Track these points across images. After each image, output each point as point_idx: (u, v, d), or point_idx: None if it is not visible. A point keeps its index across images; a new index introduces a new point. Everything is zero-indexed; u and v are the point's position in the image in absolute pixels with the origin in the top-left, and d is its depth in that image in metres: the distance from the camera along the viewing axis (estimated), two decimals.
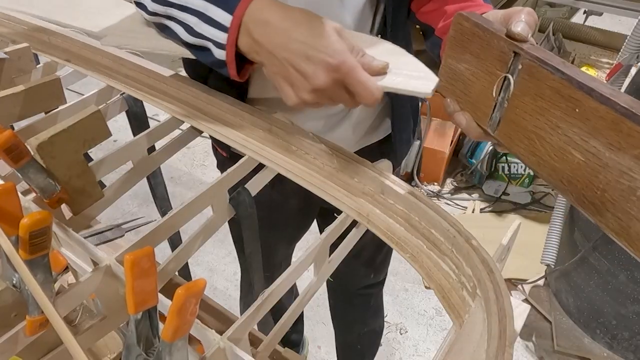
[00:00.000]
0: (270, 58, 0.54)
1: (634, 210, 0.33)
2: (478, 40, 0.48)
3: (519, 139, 0.45)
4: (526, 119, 0.43)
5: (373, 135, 0.87)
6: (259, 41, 0.53)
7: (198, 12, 0.58)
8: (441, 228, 0.56)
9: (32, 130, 0.74)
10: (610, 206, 0.36)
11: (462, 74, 0.52)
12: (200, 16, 0.58)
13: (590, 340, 1.58)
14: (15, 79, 0.88)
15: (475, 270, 0.51)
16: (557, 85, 0.39)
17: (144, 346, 0.42)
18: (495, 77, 0.46)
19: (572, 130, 0.38)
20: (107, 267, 0.56)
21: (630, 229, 0.34)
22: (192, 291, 0.37)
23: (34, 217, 0.41)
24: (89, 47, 0.92)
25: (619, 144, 0.34)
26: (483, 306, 0.49)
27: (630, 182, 0.33)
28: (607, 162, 0.35)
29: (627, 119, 0.33)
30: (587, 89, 0.36)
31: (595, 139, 0.36)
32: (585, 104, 0.36)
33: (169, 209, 1.23)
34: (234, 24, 0.55)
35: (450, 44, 0.52)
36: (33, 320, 0.47)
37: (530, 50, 0.42)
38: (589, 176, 0.37)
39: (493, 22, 0.49)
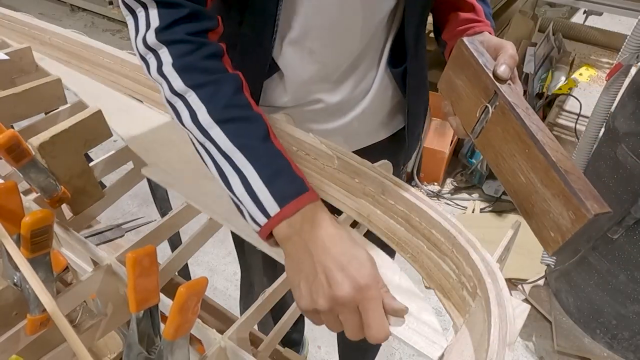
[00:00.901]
0: (304, 255, 0.50)
1: (547, 223, 0.50)
2: (472, 69, 0.60)
3: (489, 152, 0.59)
4: (495, 141, 0.57)
5: (384, 131, 0.87)
6: (303, 237, 0.51)
7: (244, 178, 0.53)
8: (441, 228, 0.56)
9: (33, 130, 0.74)
10: (535, 216, 0.52)
11: (457, 88, 0.64)
12: (247, 181, 0.53)
13: (590, 340, 1.58)
14: (16, 79, 0.88)
15: (475, 270, 0.51)
16: (517, 129, 0.53)
17: (145, 345, 0.42)
18: (480, 102, 0.59)
19: (522, 162, 0.53)
20: (107, 266, 0.57)
21: (542, 233, 0.51)
22: (194, 289, 0.38)
23: (36, 215, 0.42)
24: (89, 47, 0.92)
25: (546, 183, 0.50)
26: (483, 306, 0.49)
27: (547, 207, 0.50)
28: (537, 190, 0.51)
29: (552, 169, 0.49)
30: (534, 139, 0.51)
31: (534, 173, 0.51)
32: (531, 149, 0.51)
33: (169, 209, 1.23)
34: (279, 216, 0.52)
35: (451, 61, 0.65)
36: (34, 319, 0.47)
37: (506, 94, 0.55)
38: (526, 194, 0.53)
39: (485, 53, 0.60)
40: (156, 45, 0.54)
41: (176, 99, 0.55)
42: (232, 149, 0.53)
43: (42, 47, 0.98)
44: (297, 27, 0.67)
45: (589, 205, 0.45)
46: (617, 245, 1.36)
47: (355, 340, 0.49)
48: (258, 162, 0.53)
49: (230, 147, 0.53)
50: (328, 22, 0.66)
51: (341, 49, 0.71)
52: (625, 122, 1.29)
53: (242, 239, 0.92)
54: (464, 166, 2.39)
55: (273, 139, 0.55)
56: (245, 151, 0.53)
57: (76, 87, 0.87)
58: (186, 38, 0.54)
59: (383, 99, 0.81)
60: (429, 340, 0.50)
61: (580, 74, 2.92)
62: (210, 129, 0.53)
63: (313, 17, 0.65)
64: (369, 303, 0.48)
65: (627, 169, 1.28)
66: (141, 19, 0.55)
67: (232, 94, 0.54)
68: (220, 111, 0.53)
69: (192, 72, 0.54)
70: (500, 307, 0.47)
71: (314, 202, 0.52)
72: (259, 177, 0.52)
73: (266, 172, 0.52)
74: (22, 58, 0.88)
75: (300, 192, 0.52)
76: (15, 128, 0.75)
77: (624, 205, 1.28)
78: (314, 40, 0.68)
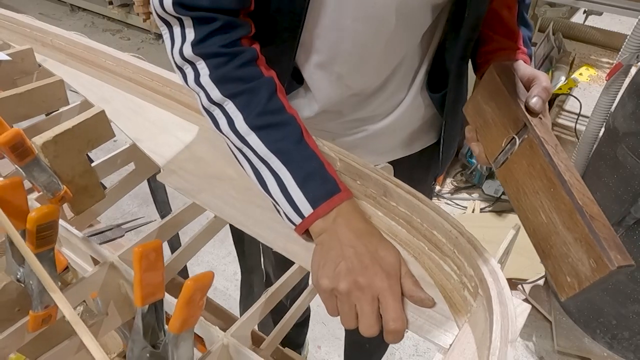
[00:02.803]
0: (334, 242, 0.52)
1: (564, 267, 0.48)
2: (503, 97, 0.57)
3: (510, 184, 0.57)
4: (519, 174, 0.55)
5: (415, 145, 0.85)
6: (335, 228, 0.53)
7: (280, 181, 0.56)
8: (443, 229, 0.56)
9: (36, 130, 0.74)
10: (552, 258, 0.50)
11: (485, 114, 0.61)
12: (283, 184, 0.56)
13: (590, 340, 1.58)
14: (18, 80, 0.88)
15: (476, 270, 0.51)
16: (545, 165, 0.51)
17: (150, 339, 0.42)
18: (507, 132, 0.56)
19: (545, 200, 0.51)
20: (110, 264, 0.57)
21: (558, 276, 0.49)
22: (200, 282, 0.38)
23: (42, 210, 0.42)
24: (91, 49, 0.92)
25: (569, 225, 0.48)
26: (485, 305, 0.50)
27: (567, 251, 0.48)
28: (558, 231, 0.49)
29: (577, 213, 0.47)
30: (562, 179, 0.49)
31: (557, 214, 0.49)
32: (557, 189, 0.49)
33: (168, 212, 1.23)
34: (313, 216, 0.54)
35: (482, 85, 0.62)
36: (36, 316, 0.47)
37: (537, 128, 0.53)
38: (546, 234, 0.51)
39: (519, 82, 0.59)
40: (193, 57, 0.57)
41: (214, 108, 0.58)
42: (268, 153, 0.56)
43: (44, 49, 0.98)
44: (324, 52, 0.66)
45: (613, 256, 0.43)
46: None
47: (369, 335, 0.49)
48: (292, 165, 0.56)
49: (266, 152, 0.56)
50: (355, 49, 0.65)
51: (369, 74, 0.70)
52: (625, 122, 1.29)
53: (242, 239, 0.92)
54: (464, 166, 2.39)
55: (307, 140, 0.58)
56: (281, 155, 0.56)
57: (81, 87, 0.87)
58: (222, 51, 0.57)
59: (412, 117, 0.79)
60: (440, 329, 0.50)
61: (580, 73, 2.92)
62: (247, 136, 0.57)
63: (338, 44, 0.65)
64: (388, 292, 0.48)
65: (627, 169, 1.28)
66: (177, 32, 0.57)
67: (267, 100, 0.57)
68: (256, 118, 0.56)
69: (228, 82, 0.57)
70: (502, 306, 0.47)
71: (346, 201, 0.55)
72: (293, 180, 0.55)
73: (300, 174, 0.55)
74: (23, 59, 0.88)
75: (332, 193, 0.55)
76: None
77: (624, 205, 1.29)
78: (342, 65, 0.67)
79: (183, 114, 0.81)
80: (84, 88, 0.87)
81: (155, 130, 0.78)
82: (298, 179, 0.55)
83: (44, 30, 0.97)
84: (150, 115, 0.81)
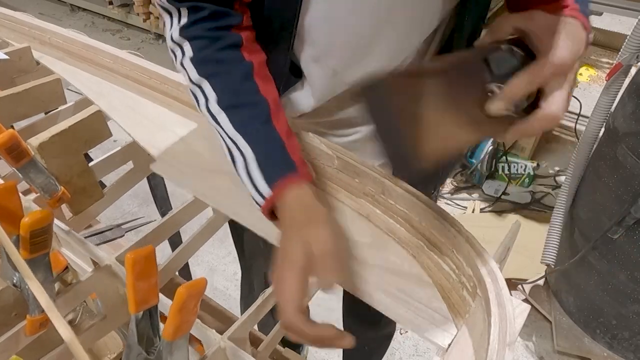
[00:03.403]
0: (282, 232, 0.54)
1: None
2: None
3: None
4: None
5: None
6: (284, 217, 0.55)
7: (245, 160, 0.58)
8: (441, 228, 0.56)
9: (32, 130, 0.74)
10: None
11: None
12: (246, 163, 0.58)
13: (590, 340, 1.58)
14: (16, 79, 0.88)
15: (475, 270, 0.51)
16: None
17: (144, 345, 0.42)
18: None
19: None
20: (107, 266, 0.56)
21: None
22: (193, 290, 0.37)
23: (35, 216, 0.41)
24: (89, 47, 0.92)
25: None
26: (483, 306, 0.49)
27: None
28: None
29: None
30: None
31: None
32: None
33: (169, 209, 1.23)
34: (272, 198, 0.55)
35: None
36: (33, 320, 0.47)
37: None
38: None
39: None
40: (180, 40, 0.60)
41: (195, 88, 0.60)
42: (235, 134, 0.58)
43: (42, 47, 0.98)
44: (318, 44, 0.65)
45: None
46: (617, 245, 1.35)
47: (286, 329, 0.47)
48: (255, 145, 0.57)
49: (234, 132, 0.58)
50: (349, 43, 0.64)
51: (365, 71, 0.68)
52: (625, 122, 1.29)
53: (242, 239, 0.91)
54: (464, 166, 2.39)
55: (275, 122, 0.58)
56: (245, 135, 0.57)
57: (79, 84, 0.87)
58: (206, 34, 0.59)
59: None
60: (439, 328, 0.50)
61: (580, 74, 2.92)
62: (218, 115, 0.58)
63: (332, 36, 0.64)
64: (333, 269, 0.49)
65: (627, 169, 1.28)
66: (174, 19, 0.60)
67: (241, 81, 0.59)
68: (227, 98, 0.58)
69: (207, 64, 0.59)
70: (500, 307, 0.47)
71: (302, 182, 0.56)
72: (255, 160, 0.57)
73: (261, 154, 0.57)
74: (21, 58, 0.88)
75: (287, 175, 0.55)
76: (15, 128, 0.75)
77: (624, 205, 1.28)
78: (336, 58, 0.66)
79: (181, 111, 0.81)
80: (82, 85, 0.86)
81: (154, 127, 0.78)
82: (259, 158, 0.56)
83: (42, 28, 0.97)
84: (149, 112, 0.81)
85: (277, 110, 0.59)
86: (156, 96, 0.84)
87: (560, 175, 2.31)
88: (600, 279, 1.46)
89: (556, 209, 1.55)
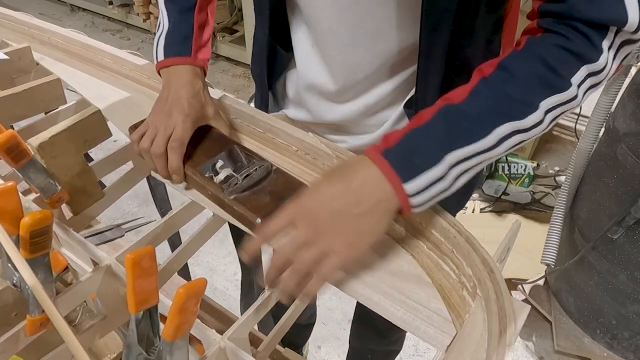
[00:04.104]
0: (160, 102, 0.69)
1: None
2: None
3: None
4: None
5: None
6: (167, 86, 0.68)
7: (162, 30, 0.73)
8: (441, 228, 0.56)
9: (32, 130, 0.74)
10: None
11: None
12: (161, 33, 0.73)
13: (590, 340, 1.58)
14: (16, 79, 0.88)
15: (475, 270, 0.51)
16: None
17: (144, 345, 0.42)
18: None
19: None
20: (107, 266, 0.56)
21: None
22: (193, 290, 0.37)
23: (35, 216, 0.41)
24: (89, 47, 0.92)
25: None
26: (483, 306, 0.49)
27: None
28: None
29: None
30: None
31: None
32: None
33: (168, 209, 1.23)
34: (159, 64, 0.70)
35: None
36: (33, 320, 0.47)
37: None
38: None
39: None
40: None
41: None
42: (163, 8, 0.72)
43: (42, 47, 0.98)
44: (304, 8, 0.66)
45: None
46: (617, 245, 1.35)
47: None
48: (172, 23, 0.71)
49: (163, 7, 0.73)
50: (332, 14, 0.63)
51: (348, 51, 0.66)
52: (625, 122, 1.29)
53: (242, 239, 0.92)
54: None
55: (195, 12, 0.71)
56: (169, 12, 0.72)
57: (78, 85, 0.87)
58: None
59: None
60: (438, 330, 0.50)
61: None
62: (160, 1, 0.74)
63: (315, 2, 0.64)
64: (174, 150, 0.63)
65: (627, 169, 1.28)
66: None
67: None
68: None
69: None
70: (500, 307, 0.47)
71: (190, 66, 0.68)
72: (166, 33, 0.70)
73: (171, 32, 0.70)
74: (21, 58, 0.88)
75: (179, 54, 0.69)
76: (14, 128, 0.75)
77: (624, 205, 1.28)
78: (318, 29, 0.66)
79: None
80: (81, 86, 0.86)
81: None
82: (168, 34, 0.70)
83: (41, 28, 0.97)
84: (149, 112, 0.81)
85: (202, 6, 0.71)
86: (156, 96, 0.84)
87: (560, 175, 2.31)
88: (600, 279, 1.46)
89: (556, 209, 1.55)
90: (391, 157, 0.49)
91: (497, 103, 0.50)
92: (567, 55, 0.49)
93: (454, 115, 0.50)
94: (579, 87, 0.50)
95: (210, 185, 0.62)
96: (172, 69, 0.68)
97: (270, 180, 0.63)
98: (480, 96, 0.51)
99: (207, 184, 0.63)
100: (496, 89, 0.50)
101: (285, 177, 0.64)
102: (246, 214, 0.59)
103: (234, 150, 0.68)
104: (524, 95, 0.50)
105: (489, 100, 0.50)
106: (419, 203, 0.49)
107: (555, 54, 0.49)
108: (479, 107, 0.50)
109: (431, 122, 0.51)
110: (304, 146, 0.69)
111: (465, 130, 0.50)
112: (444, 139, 0.49)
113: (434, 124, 0.50)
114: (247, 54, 3.05)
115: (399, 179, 0.48)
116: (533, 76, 0.50)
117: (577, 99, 0.51)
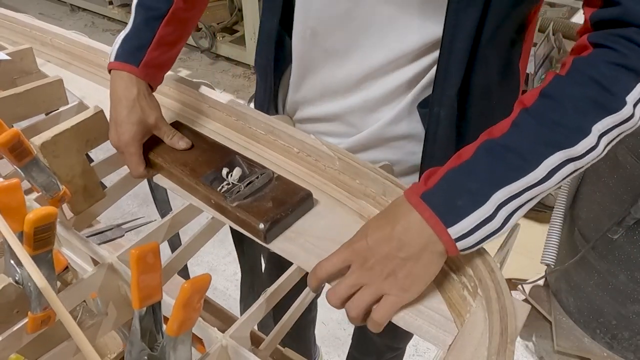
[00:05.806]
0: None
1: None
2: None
3: None
4: None
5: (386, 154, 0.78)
6: (113, 89, 0.69)
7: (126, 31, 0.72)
8: None
9: (34, 130, 0.74)
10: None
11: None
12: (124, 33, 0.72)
13: (590, 340, 1.58)
14: (17, 80, 0.88)
15: (476, 270, 0.51)
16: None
17: (147, 341, 0.42)
18: None
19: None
20: (109, 265, 0.57)
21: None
22: (197, 285, 0.38)
23: (39, 212, 0.42)
24: (91, 49, 0.92)
25: None
26: (484, 305, 0.50)
27: None
28: None
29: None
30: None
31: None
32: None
33: (168, 211, 1.23)
34: (110, 65, 0.70)
35: None
36: (35, 317, 0.47)
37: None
38: None
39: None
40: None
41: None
42: (134, 9, 0.71)
43: (44, 48, 0.98)
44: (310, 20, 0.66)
45: None
46: (617, 245, 1.36)
47: None
48: (134, 28, 0.70)
49: (134, 8, 0.71)
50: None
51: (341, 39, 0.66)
52: None
53: (242, 239, 0.91)
54: None
55: (162, 25, 0.69)
56: (136, 16, 0.70)
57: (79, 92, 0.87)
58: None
59: (393, 132, 0.71)
60: (440, 329, 0.50)
61: None
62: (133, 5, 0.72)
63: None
64: (127, 156, 0.68)
65: (627, 169, 1.28)
66: None
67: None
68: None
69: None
70: (502, 307, 0.47)
71: (135, 75, 0.67)
72: (126, 35, 0.70)
73: (130, 37, 0.69)
74: (23, 59, 0.88)
75: (127, 61, 0.68)
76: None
77: (624, 205, 1.28)
78: (315, 17, 0.66)
79: (182, 111, 0.81)
80: (83, 92, 0.87)
81: None
82: (126, 38, 0.69)
83: (43, 29, 0.97)
84: None
85: (171, 21, 0.69)
86: (158, 98, 0.84)
87: None
88: (600, 279, 1.46)
89: (556, 209, 1.56)
90: (432, 200, 0.47)
91: (543, 131, 0.46)
92: (620, 71, 0.45)
93: (496, 149, 0.47)
94: (636, 106, 0.46)
95: (214, 195, 0.64)
96: (115, 73, 0.68)
97: (272, 187, 0.64)
98: (523, 126, 0.47)
99: (211, 193, 0.64)
100: (540, 117, 0.47)
101: (286, 183, 0.65)
102: (249, 220, 0.60)
103: (236, 159, 0.69)
104: (573, 119, 0.46)
105: (533, 130, 0.46)
106: (467, 246, 0.47)
107: (606, 70, 0.46)
108: (523, 138, 0.47)
109: (472, 159, 0.48)
110: (305, 148, 0.69)
111: (510, 164, 0.46)
112: (488, 177, 0.47)
113: (475, 161, 0.48)
114: (247, 54, 3.05)
115: (441, 223, 0.46)
116: (581, 98, 0.46)
117: (633, 119, 0.46)
